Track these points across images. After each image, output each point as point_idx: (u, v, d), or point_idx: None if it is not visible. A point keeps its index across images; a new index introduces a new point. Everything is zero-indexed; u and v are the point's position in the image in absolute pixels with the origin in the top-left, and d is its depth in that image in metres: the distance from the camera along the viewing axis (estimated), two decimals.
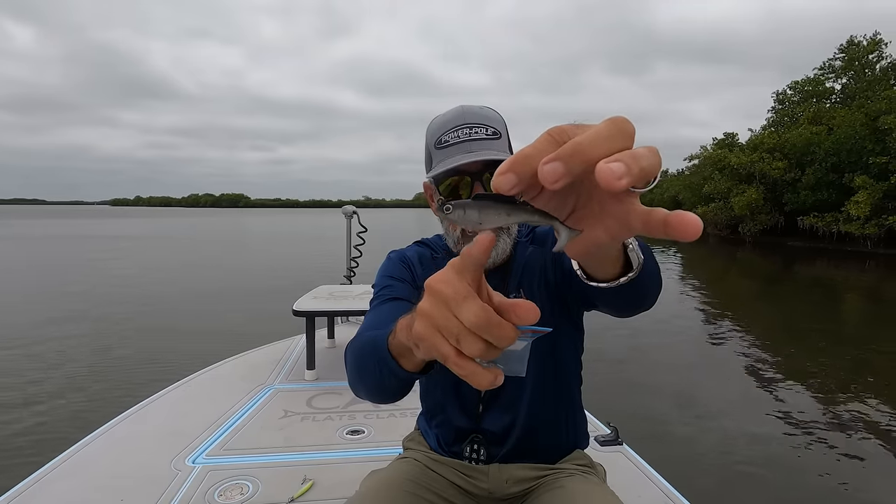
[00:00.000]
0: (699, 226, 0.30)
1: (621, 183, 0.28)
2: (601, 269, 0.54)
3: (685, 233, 0.30)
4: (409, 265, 1.01)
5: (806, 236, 23.12)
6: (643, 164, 0.29)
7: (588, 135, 0.29)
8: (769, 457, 3.03)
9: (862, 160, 20.14)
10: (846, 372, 4.72)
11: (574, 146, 0.29)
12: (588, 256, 0.44)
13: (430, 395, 1.06)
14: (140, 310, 7.24)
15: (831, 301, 9.44)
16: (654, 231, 0.32)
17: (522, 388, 0.97)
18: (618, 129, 0.30)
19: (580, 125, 0.33)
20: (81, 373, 4.40)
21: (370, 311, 0.93)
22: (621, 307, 0.69)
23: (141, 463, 1.73)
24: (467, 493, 1.00)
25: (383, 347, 0.62)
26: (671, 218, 0.31)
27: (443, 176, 0.88)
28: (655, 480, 1.62)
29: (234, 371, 2.71)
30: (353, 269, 3.85)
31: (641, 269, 0.54)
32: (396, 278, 0.97)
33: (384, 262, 1.03)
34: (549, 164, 0.29)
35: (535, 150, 0.31)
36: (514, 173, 0.31)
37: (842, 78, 26.95)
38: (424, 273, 1.00)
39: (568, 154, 0.29)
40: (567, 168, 0.29)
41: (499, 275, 0.97)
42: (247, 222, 50.05)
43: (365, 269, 3.71)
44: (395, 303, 0.91)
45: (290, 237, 26.60)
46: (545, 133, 0.32)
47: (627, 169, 0.28)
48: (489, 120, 0.90)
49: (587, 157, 0.29)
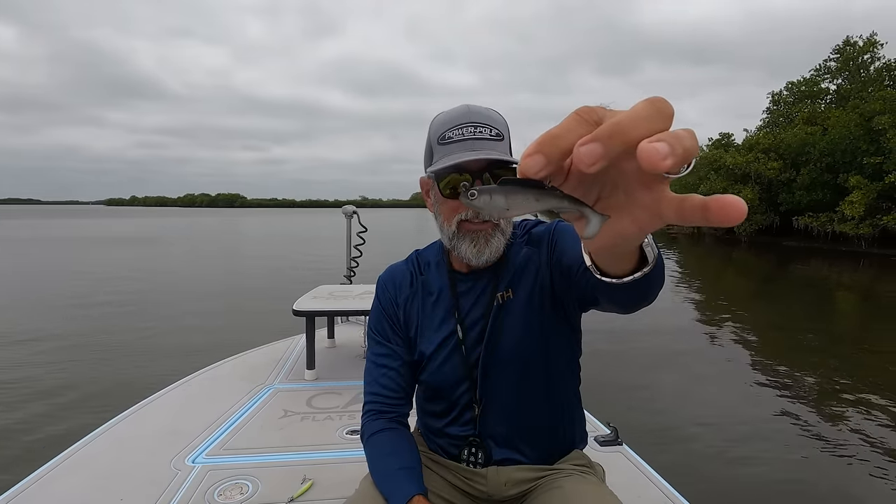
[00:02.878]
0: (743, 208, 0.28)
1: (666, 163, 0.26)
2: (616, 265, 0.50)
3: (728, 217, 0.28)
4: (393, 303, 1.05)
5: (801, 236, 23.25)
6: (686, 144, 0.27)
7: (627, 114, 0.28)
8: (768, 456, 3.04)
9: (856, 160, 20.26)
10: (841, 371, 4.75)
11: (613, 126, 0.28)
12: (611, 250, 0.40)
13: (427, 398, 1.06)
14: (139, 309, 7.22)
15: (826, 301, 9.50)
16: (692, 219, 0.30)
17: (520, 390, 0.97)
18: (657, 109, 0.28)
19: (608, 109, 0.31)
20: (81, 372, 4.38)
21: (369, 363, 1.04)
22: (628, 303, 0.66)
23: (141, 463, 1.72)
24: (466, 495, 1.00)
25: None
26: (711, 203, 0.28)
27: (444, 172, 0.88)
28: (655, 481, 1.62)
29: (233, 371, 2.70)
30: (353, 269, 3.84)
31: (655, 263, 0.52)
32: (385, 334, 1.04)
33: (377, 291, 1.08)
34: (588, 146, 0.28)
35: (564, 129, 0.29)
36: (543, 154, 0.29)
37: (837, 79, 27.10)
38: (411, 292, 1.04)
39: (607, 135, 0.28)
40: (606, 149, 0.27)
41: (490, 274, 0.97)
42: (244, 222, 49.91)
43: (365, 269, 3.72)
44: (388, 358, 1.02)
45: (289, 237, 26.53)
46: (573, 113, 0.30)
47: (672, 149, 0.26)
48: (493, 121, 0.90)
49: (627, 137, 0.27)
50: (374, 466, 0.95)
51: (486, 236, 0.90)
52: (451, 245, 0.94)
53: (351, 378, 2.61)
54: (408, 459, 0.93)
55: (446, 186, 0.90)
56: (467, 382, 0.98)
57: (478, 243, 0.90)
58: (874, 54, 25.06)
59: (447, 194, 0.90)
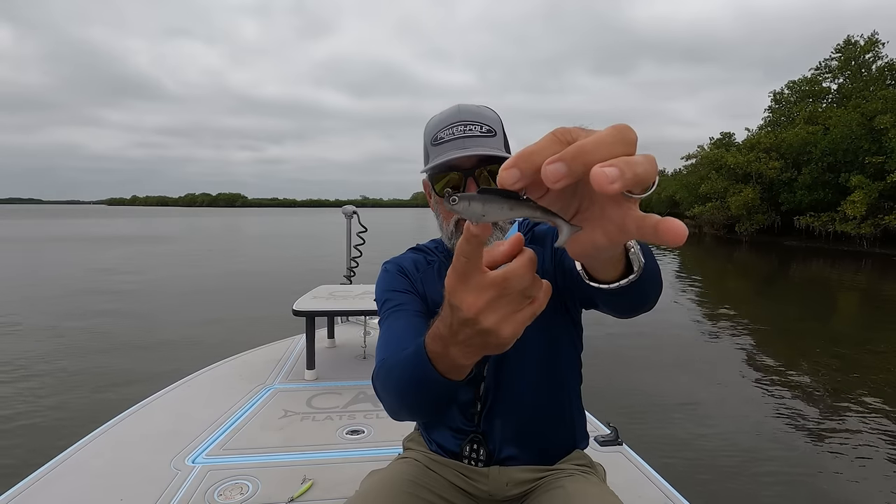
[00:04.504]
0: (684, 233, 0.32)
1: (613, 187, 0.29)
2: (603, 271, 0.55)
3: (672, 238, 0.32)
4: (405, 274, 1.01)
5: (802, 236, 23.23)
6: (638, 170, 0.30)
7: (591, 139, 0.31)
8: (768, 456, 3.04)
9: (858, 160, 20.25)
10: (842, 371, 4.75)
11: (577, 149, 0.31)
12: (588, 258, 0.45)
13: None
14: (139, 309, 7.23)
15: (827, 301, 9.49)
16: (646, 236, 0.34)
17: (522, 389, 0.97)
18: (620, 135, 0.31)
19: (585, 129, 0.34)
20: (81, 372, 4.39)
21: (383, 327, 0.93)
22: (622, 308, 0.70)
23: (141, 463, 1.72)
24: (467, 494, 1.00)
25: (428, 369, 0.62)
26: (660, 224, 0.33)
27: (437, 172, 0.90)
28: (655, 481, 1.62)
29: (233, 371, 2.71)
30: (353, 269, 3.85)
31: (642, 272, 0.55)
32: (398, 290, 0.97)
33: (381, 274, 1.03)
34: (553, 165, 0.31)
35: (540, 148, 0.33)
36: (518, 169, 0.33)
37: (838, 78, 27.08)
38: (423, 278, 1.00)
39: (571, 156, 0.31)
40: (569, 169, 0.30)
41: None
42: (245, 222, 49.94)
43: (365, 269, 3.71)
44: (405, 314, 0.91)
45: (288, 237, 26.55)
46: (550, 133, 0.33)
47: (621, 174, 0.29)
48: (484, 118, 0.91)
49: (589, 159, 0.30)
50: (393, 380, 0.76)
51: None
52: (451, 244, 0.95)
53: (351, 378, 2.60)
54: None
55: (441, 187, 0.91)
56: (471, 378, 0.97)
57: None
58: (876, 53, 25.05)
59: (442, 195, 0.91)
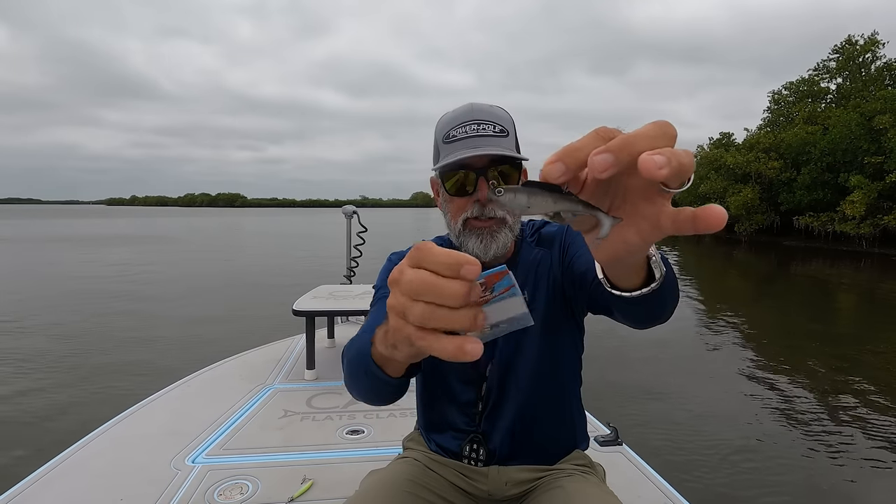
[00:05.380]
0: (724, 216, 0.33)
1: (662, 172, 0.30)
2: (626, 278, 0.54)
3: (714, 223, 0.33)
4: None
5: (801, 236, 23.24)
6: (683, 160, 0.32)
7: (635, 132, 0.33)
8: (768, 456, 3.04)
9: (857, 160, 20.26)
10: (842, 371, 4.75)
11: (623, 140, 0.33)
12: (616, 261, 0.44)
13: (429, 396, 1.06)
14: (140, 309, 7.23)
15: (827, 301, 9.50)
16: (684, 228, 0.35)
17: (522, 389, 0.97)
18: (662, 130, 0.33)
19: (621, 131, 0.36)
20: (81, 372, 4.39)
21: (370, 312, 0.94)
22: (639, 318, 0.69)
23: (141, 463, 1.72)
24: (467, 494, 1.00)
25: (368, 357, 0.64)
26: (699, 212, 0.34)
27: (448, 170, 0.89)
28: (655, 481, 1.62)
29: (233, 371, 2.71)
30: (353, 269, 3.85)
31: (663, 280, 0.55)
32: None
33: (385, 264, 1.04)
34: (601, 155, 0.32)
35: (583, 144, 0.34)
36: (563, 163, 0.34)
37: (837, 78, 27.09)
38: None
39: (617, 147, 0.32)
40: (616, 159, 0.32)
41: None
42: (245, 222, 49.92)
43: (365, 269, 3.72)
44: None
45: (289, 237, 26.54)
46: (593, 131, 0.35)
47: (668, 160, 0.31)
48: (497, 118, 0.91)
49: (634, 150, 0.32)
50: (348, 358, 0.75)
51: (492, 233, 0.91)
52: (459, 242, 0.95)
53: None
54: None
55: (452, 185, 0.90)
56: (473, 379, 0.98)
57: (484, 239, 0.91)
58: (875, 53, 25.06)
59: (453, 193, 0.91)
